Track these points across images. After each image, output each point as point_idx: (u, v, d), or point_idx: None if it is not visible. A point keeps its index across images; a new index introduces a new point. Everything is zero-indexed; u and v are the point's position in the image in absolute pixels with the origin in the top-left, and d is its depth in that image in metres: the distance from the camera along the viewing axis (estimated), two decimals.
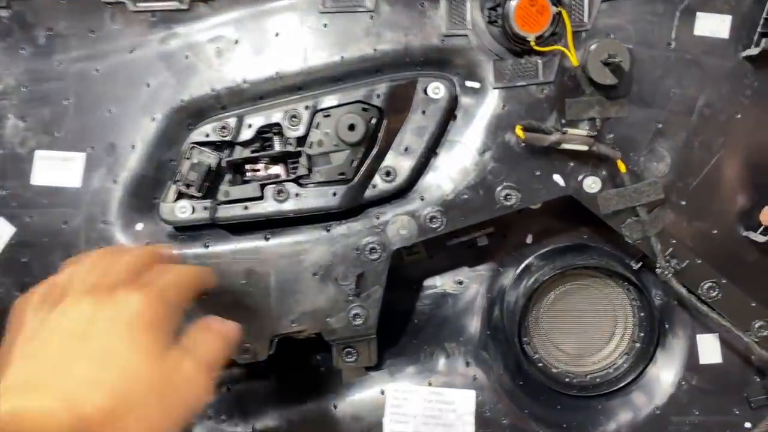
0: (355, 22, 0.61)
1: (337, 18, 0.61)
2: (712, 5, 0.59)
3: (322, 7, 0.61)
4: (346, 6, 0.61)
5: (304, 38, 0.61)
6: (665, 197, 0.62)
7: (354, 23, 0.61)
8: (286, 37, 0.61)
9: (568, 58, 0.59)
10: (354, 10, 0.61)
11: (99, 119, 0.63)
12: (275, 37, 0.61)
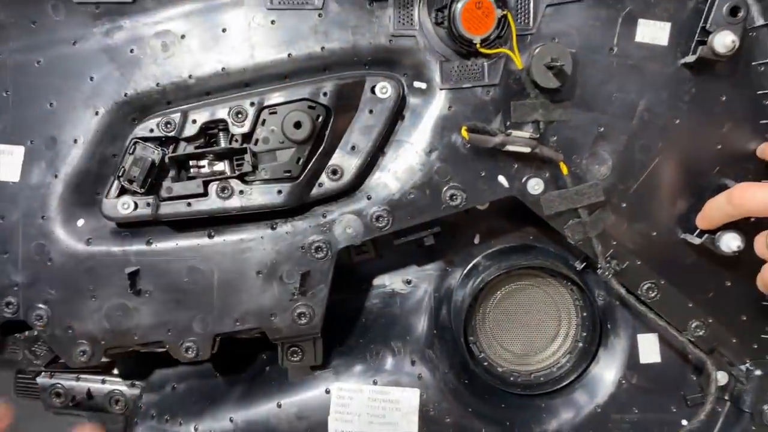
0: (302, 20, 0.60)
1: (285, 15, 0.60)
2: (653, 13, 0.60)
3: (270, 4, 0.60)
4: (294, 3, 0.60)
5: (252, 34, 0.60)
6: (606, 199, 0.62)
7: (302, 21, 0.60)
8: (233, 33, 0.60)
9: (513, 61, 0.59)
10: (302, 8, 0.60)
11: (39, 112, 0.61)
12: (222, 32, 0.60)
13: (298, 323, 0.62)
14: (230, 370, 0.70)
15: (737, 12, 0.57)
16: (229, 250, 0.60)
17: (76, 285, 0.61)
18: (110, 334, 0.61)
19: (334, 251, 0.61)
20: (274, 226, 0.61)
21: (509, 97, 0.60)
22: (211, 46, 0.60)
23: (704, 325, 0.65)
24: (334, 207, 0.62)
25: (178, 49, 0.60)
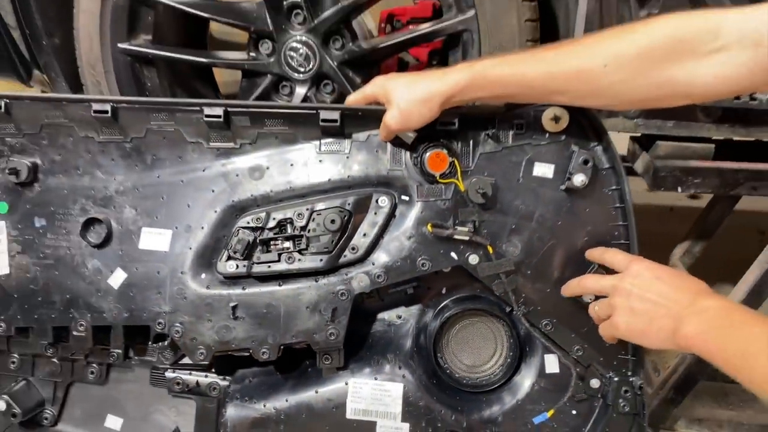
0: (337, 160, 1.01)
1: (328, 156, 1.01)
2: (544, 158, 0.99)
3: (319, 151, 1.01)
4: (333, 150, 1.01)
5: (308, 167, 1.01)
6: (516, 268, 1.00)
7: (337, 160, 1.01)
8: (297, 166, 1.01)
9: (459, 187, 0.98)
10: (337, 153, 1.01)
11: (182, 210, 1.02)
12: (291, 166, 1.01)
13: (329, 339, 1.01)
14: (285, 369, 1.08)
15: (587, 162, 0.96)
16: (291, 293, 1.00)
17: (199, 313, 1.01)
18: (218, 343, 1.01)
19: (351, 296, 1.00)
20: (317, 279, 1.01)
21: (457, 207, 0.99)
22: (283, 174, 1.01)
23: (582, 348, 1.02)
24: (352, 269, 1.01)
25: (264, 175, 1.01)
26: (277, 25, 1.25)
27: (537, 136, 0.98)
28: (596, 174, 0.98)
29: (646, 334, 0.81)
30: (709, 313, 0.74)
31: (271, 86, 1.31)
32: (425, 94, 0.89)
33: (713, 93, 0.81)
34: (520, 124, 0.98)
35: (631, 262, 0.86)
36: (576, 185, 0.96)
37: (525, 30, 1.12)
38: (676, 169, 1.17)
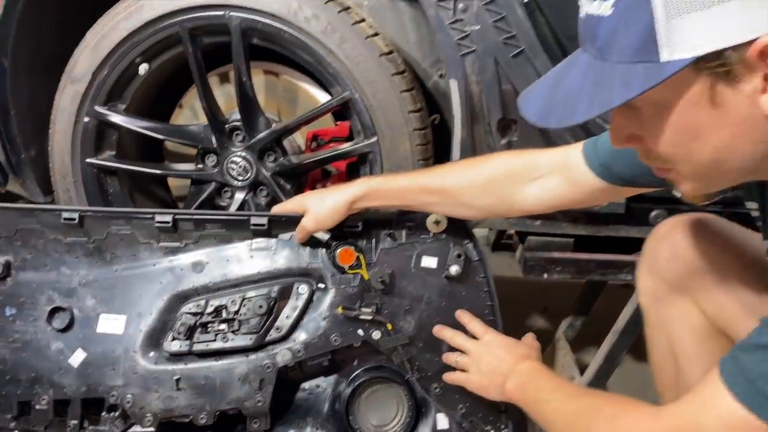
0: (266, 255, 1.20)
1: (257, 252, 1.21)
2: (429, 252, 1.21)
3: (250, 249, 1.21)
4: (262, 248, 1.21)
5: (241, 262, 1.20)
6: (410, 341, 1.20)
7: (265, 255, 1.20)
8: (232, 261, 1.20)
9: (363, 276, 1.19)
10: (264, 250, 1.21)
11: (135, 299, 1.19)
12: (227, 261, 1.20)
13: (257, 406, 1.17)
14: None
15: (460, 256, 1.19)
16: (225, 367, 1.16)
17: (148, 385, 1.16)
18: (163, 411, 1.15)
19: (276, 368, 1.17)
20: (247, 355, 1.18)
21: (363, 292, 1.19)
22: (220, 268, 1.20)
23: (465, 407, 1.21)
24: (277, 346, 1.18)
25: (205, 269, 1.20)
26: (221, 143, 1.47)
27: (424, 236, 1.20)
28: (469, 265, 1.20)
29: (487, 389, 1.02)
30: (522, 373, 0.96)
31: (215, 191, 1.52)
32: (332, 203, 1.12)
33: (541, 208, 1.08)
34: (411, 226, 1.20)
35: (485, 333, 1.09)
36: (453, 274, 1.18)
37: (417, 152, 1.37)
38: (542, 260, 1.42)
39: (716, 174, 0.63)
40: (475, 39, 1.31)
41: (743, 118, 0.57)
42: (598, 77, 0.59)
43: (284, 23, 1.35)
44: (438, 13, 1.30)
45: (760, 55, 0.54)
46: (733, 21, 0.53)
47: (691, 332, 0.99)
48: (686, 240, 0.98)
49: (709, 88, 0.56)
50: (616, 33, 0.57)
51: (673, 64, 0.55)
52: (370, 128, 1.38)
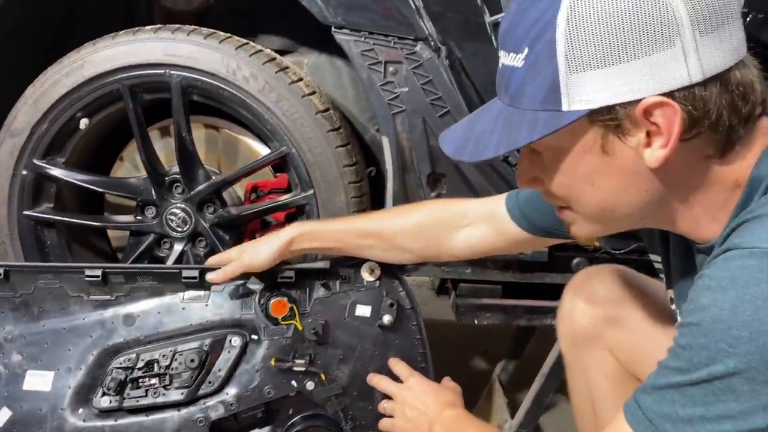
0: (198, 308, 1.19)
1: (189, 305, 1.19)
2: (363, 301, 1.22)
3: (182, 301, 1.19)
4: (194, 299, 1.19)
5: (173, 314, 1.18)
6: (344, 391, 1.19)
7: (198, 308, 1.19)
8: (164, 313, 1.18)
9: (297, 327, 1.18)
10: (197, 302, 1.19)
11: (63, 354, 1.15)
12: (158, 314, 1.18)
13: None
14: None
15: (393, 305, 1.20)
16: (156, 422, 1.12)
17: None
18: None
19: (208, 422, 1.14)
20: (179, 410, 1.15)
21: (296, 343, 1.19)
22: (152, 321, 1.18)
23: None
24: (209, 399, 1.16)
25: (136, 322, 1.17)
26: (160, 195, 1.46)
27: (358, 284, 1.20)
28: (402, 312, 1.21)
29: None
30: (447, 420, 0.97)
31: (154, 243, 1.50)
32: (267, 247, 1.13)
33: (469, 254, 1.11)
34: (344, 275, 1.20)
35: (409, 377, 1.09)
36: (385, 323, 1.19)
37: (352, 204, 1.39)
38: (473, 306, 1.44)
39: (606, 217, 0.68)
40: (404, 99, 1.35)
41: (629, 168, 0.62)
42: (508, 121, 0.64)
43: (223, 82, 1.37)
44: (370, 76, 1.35)
45: (644, 113, 0.59)
46: (624, 81, 0.58)
47: (606, 377, 1.02)
48: (601, 290, 1.03)
49: (601, 138, 0.61)
50: (525, 83, 0.62)
51: (572, 113, 0.60)
52: (306, 181, 1.40)
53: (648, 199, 0.65)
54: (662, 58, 0.57)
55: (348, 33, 1.35)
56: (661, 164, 0.60)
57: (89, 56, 1.40)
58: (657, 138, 0.60)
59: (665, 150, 0.60)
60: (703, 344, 0.56)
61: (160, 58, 1.38)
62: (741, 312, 0.54)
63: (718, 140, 0.61)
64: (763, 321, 0.53)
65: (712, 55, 0.58)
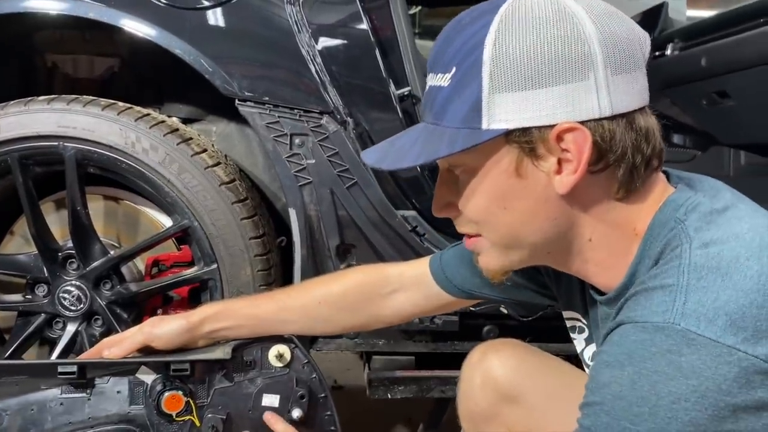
0: (80, 403, 1.05)
1: (69, 400, 1.05)
2: (271, 390, 1.09)
3: (60, 396, 1.05)
4: (75, 394, 1.06)
5: (49, 411, 1.04)
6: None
7: (80, 403, 1.05)
8: (38, 411, 1.04)
9: (195, 424, 1.06)
10: (79, 396, 1.06)
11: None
12: (31, 411, 1.03)
13: None
14: None
15: (303, 398, 1.10)
16: None
17: None
18: None
19: None
20: None
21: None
22: (24, 418, 1.04)
23: None
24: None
25: (5, 421, 1.03)
26: (52, 272, 1.33)
27: (265, 371, 1.06)
28: (314, 400, 1.09)
29: None
30: None
31: (44, 323, 1.36)
32: (175, 322, 1.02)
33: (398, 320, 1.05)
34: (250, 361, 1.06)
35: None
36: (295, 419, 1.05)
37: (258, 278, 1.31)
38: (385, 380, 1.37)
39: (514, 245, 0.67)
40: (311, 171, 1.31)
41: (540, 193, 0.63)
42: (429, 136, 0.65)
43: (121, 154, 1.28)
44: (275, 148, 1.30)
45: (557, 138, 0.60)
46: (541, 106, 0.60)
47: None
48: (497, 367, 0.99)
49: (516, 160, 0.62)
50: (450, 101, 0.63)
51: (490, 131, 0.61)
52: (210, 255, 1.31)
53: (555, 229, 0.65)
54: (577, 88, 0.59)
55: (252, 105, 1.30)
56: (569, 190, 0.62)
57: None
58: (567, 165, 0.61)
59: (574, 176, 0.61)
60: (607, 423, 0.55)
61: (54, 130, 1.28)
62: (639, 387, 0.53)
63: (621, 180, 0.63)
64: (660, 395, 0.52)
65: (620, 94, 0.61)
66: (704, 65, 1.44)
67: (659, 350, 0.53)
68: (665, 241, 0.62)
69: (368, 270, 1.07)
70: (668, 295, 0.56)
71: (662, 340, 0.53)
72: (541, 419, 0.96)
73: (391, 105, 1.35)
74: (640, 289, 0.60)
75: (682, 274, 0.57)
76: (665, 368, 0.52)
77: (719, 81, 1.44)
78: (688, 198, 0.65)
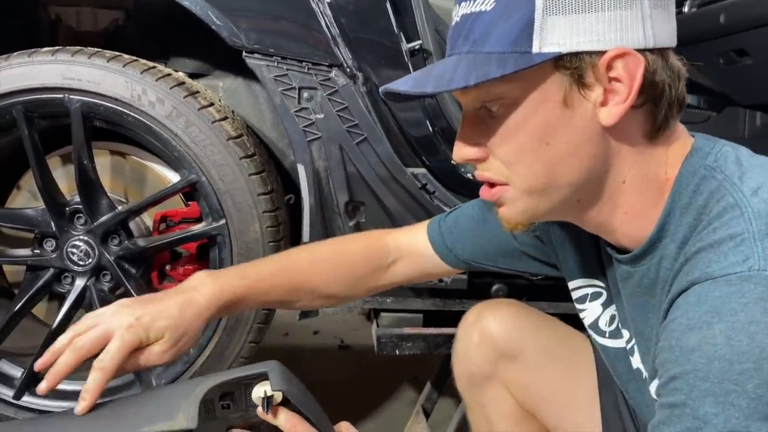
0: None
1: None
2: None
3: None
4: None
5: None
6: None
7: None
8: None
9: None
10: None
11: None
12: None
13: None
14: None
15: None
16: None
17: None
18: None
19: None
20: None
21: None
22: None
23: None
24: None
25: None
26: (60, 227, 1.33)
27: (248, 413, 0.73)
28: None
29: None
30: None
31: (53, 278, 1.36)
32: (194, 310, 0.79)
33: (391, 287, 1.02)
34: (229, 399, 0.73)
35: None
36: None
37: (267, 234, 1.31)
38: (394, 336, 1.38)
39: (550, 188, 0.64)
40: (320, 126, 1.29)
41: (584, 126, 0.61)
42: (472, 62, 0.61)
43: (127, 107, 1.27)
44: (284, 102, 1.28)
45: (607, 66, 0.59)
46: (593, 30, 0.58)
47: (505, 416, 0.98)
48: (494, 326, 0.99)
49: (564, 88, 0.61)
50: (494, 25, 0.60)
51: (541, 55, 0.59)
52: (218, 211, 1.31)
53: (594, 167, 0.63)
54: (626, 15, 0.59)
55: (260, 58, 1.28)
56: (615, 122, 0.60)
57: None
58: (613, 96, 0.60)
59: (623, 105, 0.60)
60: (706, 390, 0.49)
61: (59, 82, 1.27)
62: (737, 342, 0.49)
63: (658, 118, 0.62)
64: (762, 346, 0.48)
65: (660, 29, 0.60)
66: (723, 22, 1.41)
67: (750, 299, 0.50)
68: (706, 193, 0.60)
69: (370, 241, 1.01)
70: (743, 245, 0.54)
71: (751, 288, 0.51)
72: (539, 376, 0.96)
73: (402, 59, 1.33)
74: (702, 246, 0.57)
75: (749, 221, 0.55)
76: (761, 317, 0.49)
77: (737, 38, 1.41)
78: (713, 146, 0.64)
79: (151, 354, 0.76)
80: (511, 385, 0.97)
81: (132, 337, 0.73)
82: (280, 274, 0.91)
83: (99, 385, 0.71)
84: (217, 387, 0.72)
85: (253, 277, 0.87)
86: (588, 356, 0.95)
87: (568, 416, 0.95)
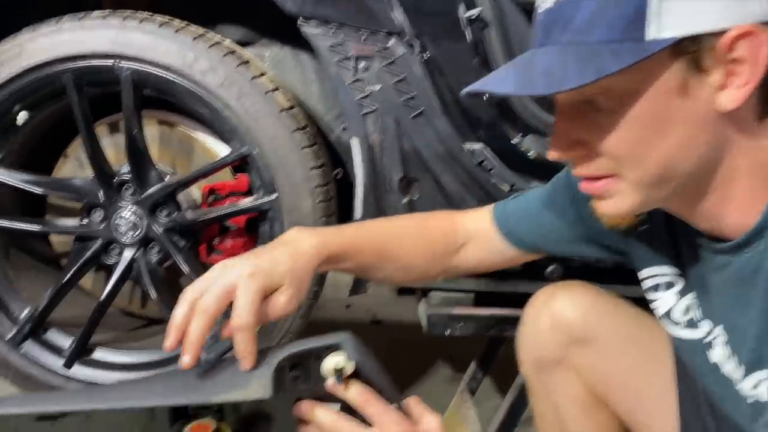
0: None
1: None
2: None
3: None
4: None
5: None
6: None
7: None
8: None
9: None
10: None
11: None
12: None
13: None
14: None
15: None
16: None
17: None
18: None
19: None
20: None
21: None
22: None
23: None
24: None
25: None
26: (108, 197, 1.32)
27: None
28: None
29: None
30: None
31: (101, 249, 1.35)
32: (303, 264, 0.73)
33: (480, 270, 0.99)
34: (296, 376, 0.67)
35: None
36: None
37: (319, 209, 1.28)
38: (444, 316, 1.36)
39: (665, 179, 0.61)
40: (376, 98, 1.25)
41: (702, 113, 0.57)
42: (580, 55, 0.56)
43: (178, 75, 1.24)
44: (339, 72, 1.24)
45: (729, 47, 0.54)
46: (713, 8, 0.53)
47: (574, 402, 0.95)
48: (569, 310, 0.95)
49: (682, 76, 0.56)
50: (602, 13, 0.55)
51: (659, 41, 0.54)
52: (270, 185, 1.28)
53: (710, 155, 0.59)
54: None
55: (316, 25, 1.23)
56: (737, 106, 0.56)
57: (28, 43, 1.24)
58: (733, 78, 0.55)
59: (746, 88, 0.55)
60: None
61: (109, 48, 1.24)
62: None
63: (765, 100, 0.58)
64: None
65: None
66: None
67: None
68: None
69: (445, 220, 0.97)
70: None
71: None
72: (614, 362, 0.93)
73: (459, 28, 1.27)
74: None
75: None
76: None
77: None
78: None
79: (278, 303, 0.69)
80: (583, 371, 0.94)
81: (257, 284, 0.66)
82: (373, 237, 0.87)
83: (249, 346, 0.65)
84: (289, 357, 0.68)
85: (350, 236, 0.83)
86: (666, 344, 0.91)
87: (642, 404, 0.92)
